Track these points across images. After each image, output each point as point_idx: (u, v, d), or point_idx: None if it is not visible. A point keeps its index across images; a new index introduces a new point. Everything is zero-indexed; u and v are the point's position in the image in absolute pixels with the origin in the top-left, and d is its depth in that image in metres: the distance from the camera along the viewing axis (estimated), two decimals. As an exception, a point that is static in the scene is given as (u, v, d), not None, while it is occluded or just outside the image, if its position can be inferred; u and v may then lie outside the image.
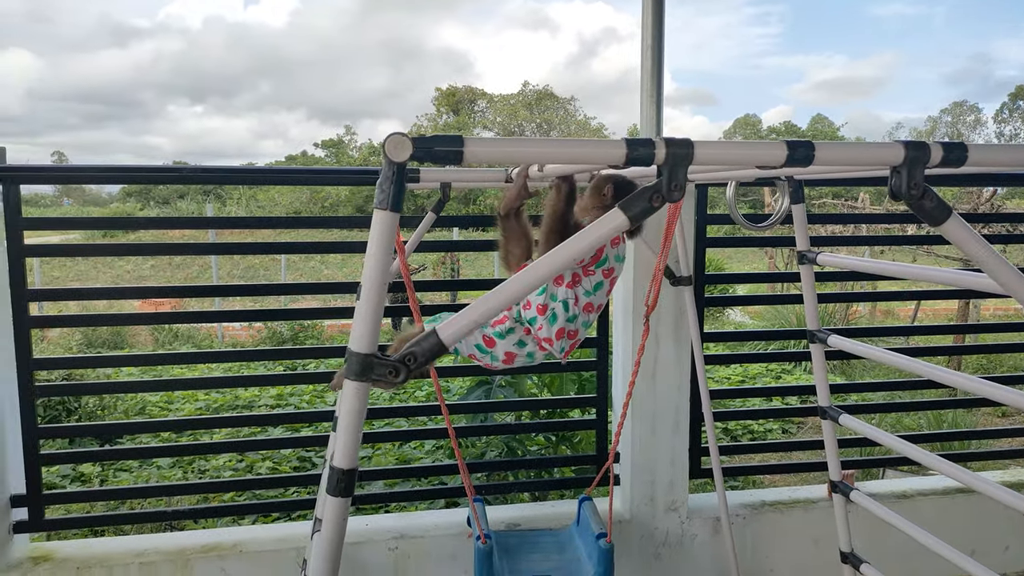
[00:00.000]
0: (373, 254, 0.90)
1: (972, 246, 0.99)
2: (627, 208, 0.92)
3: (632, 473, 2.80)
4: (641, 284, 2.66)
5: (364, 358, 0.90)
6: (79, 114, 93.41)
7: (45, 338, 9.42)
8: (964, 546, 3.03)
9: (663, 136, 0.91)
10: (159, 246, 2.88)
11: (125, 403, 6.25)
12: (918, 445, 4.75)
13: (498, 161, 0.89)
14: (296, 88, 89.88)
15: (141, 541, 2.57)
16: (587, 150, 0.91)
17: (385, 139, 0.85)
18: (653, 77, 2.69)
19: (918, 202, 0.95)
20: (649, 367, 2.74)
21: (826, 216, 6.56)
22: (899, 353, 1.61)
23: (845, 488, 1.95)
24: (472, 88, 42.20)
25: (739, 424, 6.28)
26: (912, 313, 9.52)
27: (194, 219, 10.12)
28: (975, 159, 0.96)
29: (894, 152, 0.94)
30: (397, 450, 5.28)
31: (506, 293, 0.93)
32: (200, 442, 4.37)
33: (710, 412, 2.63)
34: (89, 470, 5.03)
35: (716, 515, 2.78)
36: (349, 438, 0.92)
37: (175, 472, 4.95)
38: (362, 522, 2.71)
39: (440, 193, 2.34)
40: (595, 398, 2.86)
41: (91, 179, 2.67)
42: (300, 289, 5.07)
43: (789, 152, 0.92)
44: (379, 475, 3.12)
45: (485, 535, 2.38)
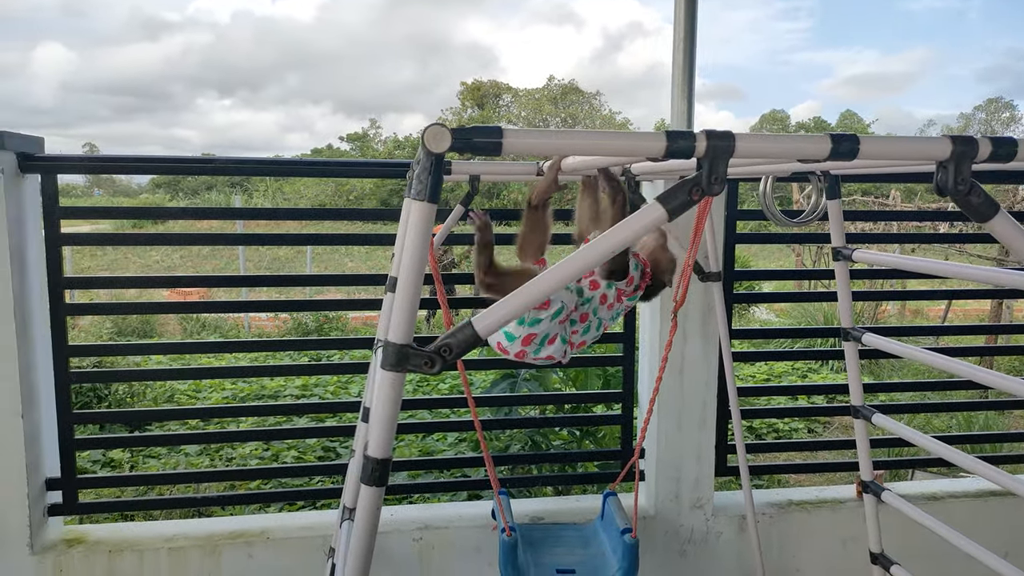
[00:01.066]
0: (410, 245, 0.90)
1: (1020, 243, 0.96)
2: (666, 201, 0.91)
3: (657, 469, 2.78)
4: (669, 279, 2.64)
5: (400, 348, 0.91)
6: (110, 106, 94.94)
7: (76, 326, 9.61)
8: (997, 549, 2.97)
9: (704, 129, 0.89)
10: (187, 236, 2.92)
11: (154, 391, 6.36)
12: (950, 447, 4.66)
13: (537, 152, 0.89)
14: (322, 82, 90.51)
15: (170, 527, 2.61)
16: (627, 143, 0.90)
17: (424, 130, 0.85)
18: (685, 72, 2.67)
19: (965, 198, 0.93)
20: (676, 363, 2.72)
21: (859, 213, 6.44)
22: (936, 353, 1.58)
23: (877, 488, 1.92)
24: (497, 82, 42.21)
25: (764, 423, 6.23)
26: (943, 313, 9.36)
27: (222, 210, 10.23)
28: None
29: (941, 147, 0.92)
30: (420, 442, 5.31)
31: (542, 286, 0.92)
32: (227, 430, 4.43)
33: (737, 409, 2.60)
34: (119, 456, 5.13)
35: (742, 513, 2.76)
36: (384, 428, 0.92)
37: (202, 460, 5.03)
38: (387, 512, 2.72)
39: (468, 186, 2.34)
40: (620, 393, 2.85)
41: (125, 169, 2.69)
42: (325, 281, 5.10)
43: (833, 146, 0.91)
44: (403, 466, 3.14)
45: (510, 528, 2.39)
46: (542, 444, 3.34)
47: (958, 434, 4.98)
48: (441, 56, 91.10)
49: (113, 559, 2.43)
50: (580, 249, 0.93)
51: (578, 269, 0.93)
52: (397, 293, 0.92)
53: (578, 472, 3.15)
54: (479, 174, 2.26)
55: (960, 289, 3.85)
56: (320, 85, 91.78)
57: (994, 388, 1.35)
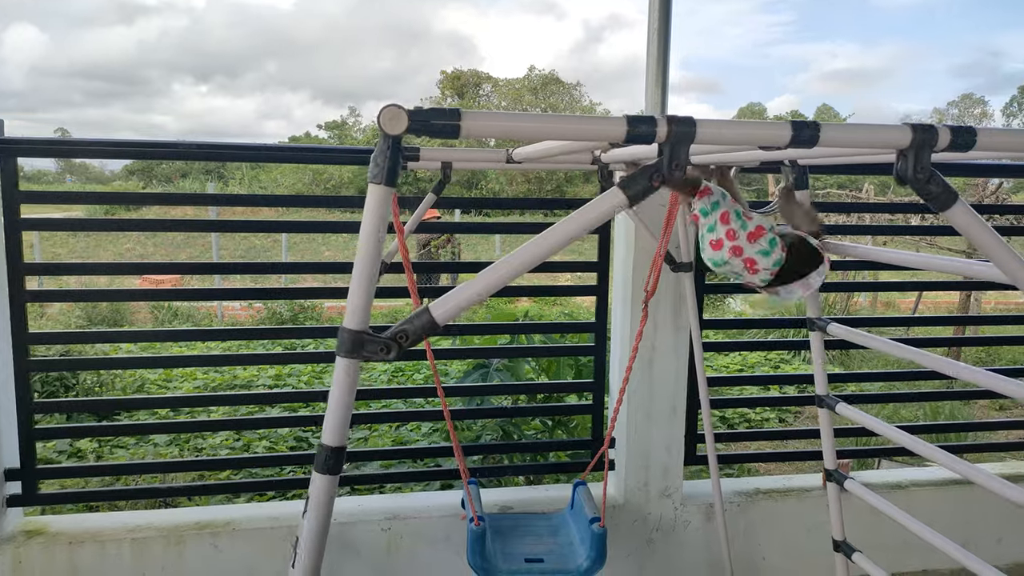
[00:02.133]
0: (367, 230, 0.89)
1: (978, 233, 0.97)
2: (626, 187, 0.90)
3: (627, 458, 2.79)
4: (641, 269, 2.64)
5: (356, 335, 0.89)
6: (83, 91, 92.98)
7: (45, 314, 9.43)
8: (957, 537, 3.01)
9: (665, 114, 0.88)
10: (155, 222, 2.86)
11: (123, 380, 6.25)
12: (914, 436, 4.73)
13: (496, 135, 0.87)
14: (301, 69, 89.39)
15: (134, 517, 2.57)
16: (587, 127, 0.89)
17: (380, 111, 0.83)
18: (659, 62, 2.66)
19: (924, 186, 0.93)
20: (647, 353, 2.72)
21: (828, 204, 6.54)
22: (900, 343, 1.59)
23: (840, 477, 1.94)
24: (477, 72, 41.97)
25: (736, 412, 6.29)
26: (913, 305, 9.50)
27: (188, 195, 10.07)
28: (984, 143, 0.94)
29: (901, 135, 0.92)
30: (394, 432, 5.29)
31: (502, 271, 0.91)
32: (195, 420, 4.38)
33: (707, 399, 2.62)
34: (86, 446, 5.04)
35: (710, 502, 2.78)
36: (339, 415, 0.90)
37: (171, 450, 4.96)
38: (355, 502, 2.71)
39: (441, 174, 2.32)
40: (592, 383, 2.85)
41: (87, 152, 2.62)
42: (300, 268, 5.05)
43: (794, 132, 0.90)
44: (375, 456, 3.13)
45: (479, 517, 2.38)
46: (514, 434, 3.34)
47: (922, 423, 5.07)
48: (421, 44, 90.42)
49: (74, 551, 2.39)
50: (542, 233, 0.92)
51: (540, 254, 0.92)
52: (352, 278, 0.90)
53: (550, 462, 3.15)
54: (451, 161, 2.24)
55: (930, 281, 3.91)
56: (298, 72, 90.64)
57: (957, 378, 1.36)
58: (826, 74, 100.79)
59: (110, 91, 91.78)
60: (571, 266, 2.89)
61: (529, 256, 0.91)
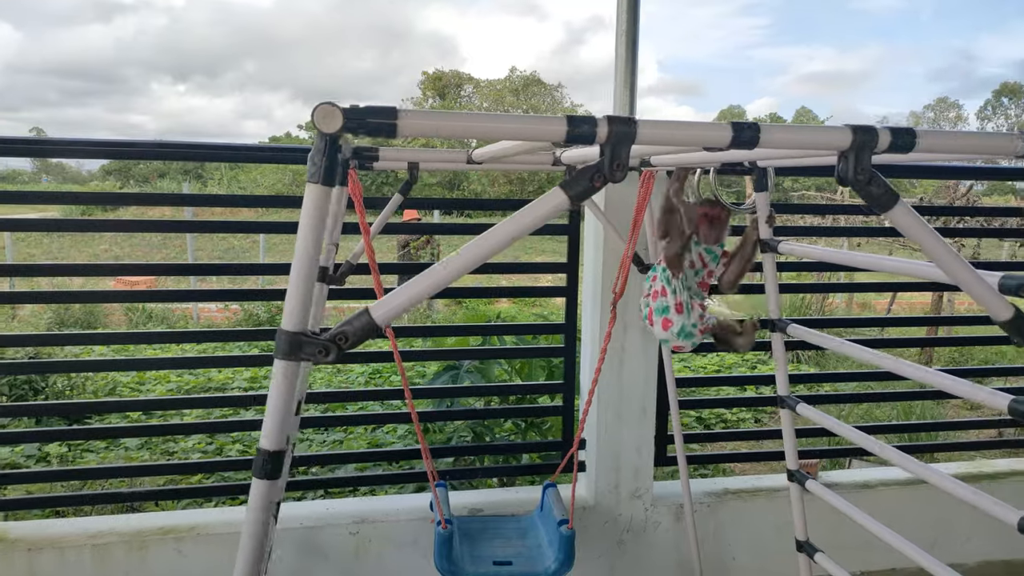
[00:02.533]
0: (304, 230, 0.87)
1: (920, 234, 0.97)
2: (568, 187, 0.90)
3: (597, 460, 2.79)
4: (610, 271, 2.64)
5: (293, 336, 0.88)
6: (59, 90, 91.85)
7: (16, 316, 9.28)
8: (926, 536, 3.08)
9: (605, 114, 0.88)
10: (126, 222, 2.81)
11: (95, 383, 6.17)
12: (887, 436, 4.76)
13: (436, 134, 0.86)
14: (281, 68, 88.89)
15: (97, 522, 2.53)
16: (527, 126, 0.88)
17: (314, 108, 0.81)
18: (627, 63, 2.66)
19: (865, 188, 0.93)
20: (616, 354, 2.72)
21: (800, 206, 6.60)
22: (860, 344, 1.60)
23: (802, 477, 1.95)
24: (459, 73, 41.92)
25: (713, 413, 6.31)
26: (887, 305, 9.61)
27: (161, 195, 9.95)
28: (925, 145, 0.94)
29: (841, 136, 0.92)
30: (370, 434, 5.25)
31: (441, 274, 0.90)
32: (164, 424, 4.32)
33: (676, 400, 2.62)
34: (55, 450, 4.96)
35: (680, 502, 2.78)
36: (277, 419, 0.89)
37: (142, 453, 4.90)
38: (323, 505, 2.68)
39: (408, 174, 2.30)
40: (562, 384, 2.85)
41: (57, 152, 2.58)
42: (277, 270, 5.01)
43: (734, 134, 0.90)
44: (347, 459, 3.09)
45: (446, 520, 2.37)
46: (486, 436, 3.33)
47: (892, 423, 5.12)
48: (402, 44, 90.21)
49: (33, 557, 2.34)
50: (484, 234, 0.91)
51: (482, 254, 0.91)
52: (290, 279, 0.88)
53: (523, 463, 3.14)
54: (418, 161, 2.22)
55: (897, 282, 3.95)
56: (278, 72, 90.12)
57: (910, 379, 1.38)
58: (803, 77, 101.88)
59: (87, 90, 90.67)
60: (540, 267, 2.88)
61: (471, 256, 0.91)
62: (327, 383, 6.91)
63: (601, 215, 2.54)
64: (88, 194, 2.68)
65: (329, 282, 2.32)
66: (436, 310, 10.02)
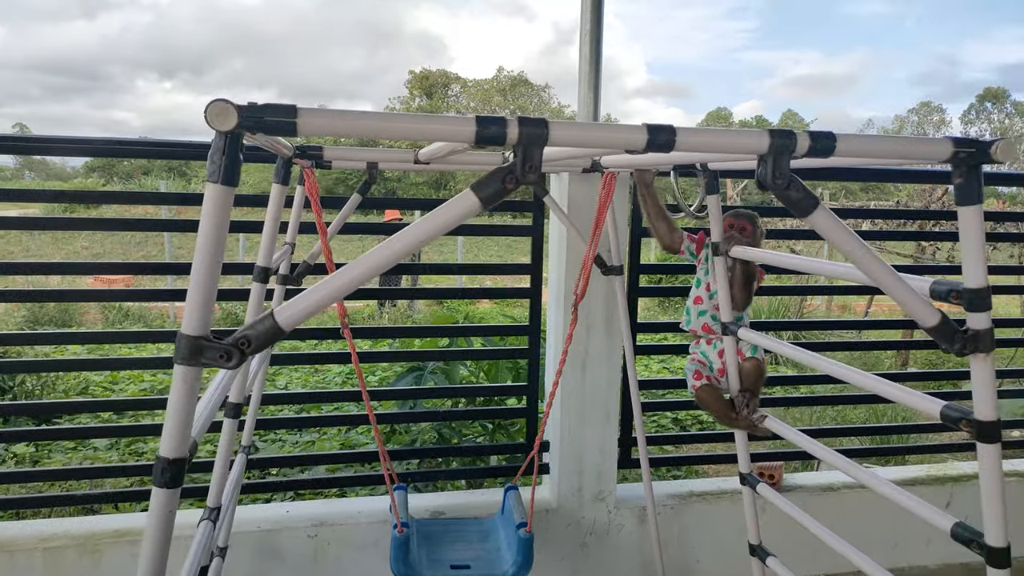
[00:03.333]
0: (205, 231, 0.85)
1: (841, 239, 0.96)
2: (479, 189, 0.88)
3: (560, 462, 2.78)
4: (572, 272, 2.63)
5: (194, 341, 0.85)
6: (42, 86, 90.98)
7: (-10, 314, 9.16)
8: (888, 538, 3.09)
9: (518, 115, 0.86)
10: (96, 221, 2.77)
11: (66, 382, 6.09)
12: (861, 438, 4.73)
13: (336, 134, 0.84)
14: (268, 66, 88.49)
15: (50, 525, 2.49)
16: (435, 126, 0.86)
17: (207, 106, 0.79)
18: (591, 65, 2.65)
19: (784, 192, 0.92)
20: (580, 356, 2.71)
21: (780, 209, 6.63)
22: (805, 348, 1.59)
23: (753, 480, 1.94)
24: (446, 72, 41.86)
25: (689, 414, 6.31)
26: (866, 308, 9.67)
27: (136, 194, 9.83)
28: (843, 149, 0.93)
29: (759, 140, 0.91)
30: (344, 435, 5.21)
31: (349, 276, 0.88)
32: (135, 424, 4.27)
33: (639, 402, 2.61)
34: (23, 451, 4.89)
35: (644, 505, 2.77)
36: (176, 425, 0.86)
37: (110, 454, 4.84)
38: (282, 509, 2.65)
39: (366, 174, 2.28)
40: (526, 386, 2.83)
41: (37, 150, 2.54)
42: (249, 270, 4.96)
43: (650, 136, 0.89)
44: (315, 460, 3.06)
45: (403, 524, 2.35)
46: (452, 438, 3.30)
47: (863, 426, 5.13)
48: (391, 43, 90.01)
49: (-20, 561, 2.30)
50: (395, 235, 0.89)
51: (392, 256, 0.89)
52: (190, 282, 0.86)
53: (486, 466, 3.12)
54: (366, 160, 2.19)
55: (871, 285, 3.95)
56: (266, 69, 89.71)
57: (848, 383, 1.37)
58: (790, 80, 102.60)
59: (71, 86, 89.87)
60: (501, 268, 2.87)
61: (381, 258, 0.88)
62: (304, 382, 6.87)
63: (564, 216, 2.52)
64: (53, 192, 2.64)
65: (286, 282, 2.30)
66: (417, 310, 9.98)
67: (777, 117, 55.82)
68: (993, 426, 1.08)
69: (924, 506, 1.25)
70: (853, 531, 3.00)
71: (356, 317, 10.28)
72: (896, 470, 3.42)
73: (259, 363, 2.05)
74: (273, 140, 1.56)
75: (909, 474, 3.28)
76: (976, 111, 57.76)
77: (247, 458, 2.28)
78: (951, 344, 1.07)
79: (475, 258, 18.16)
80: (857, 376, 1.31)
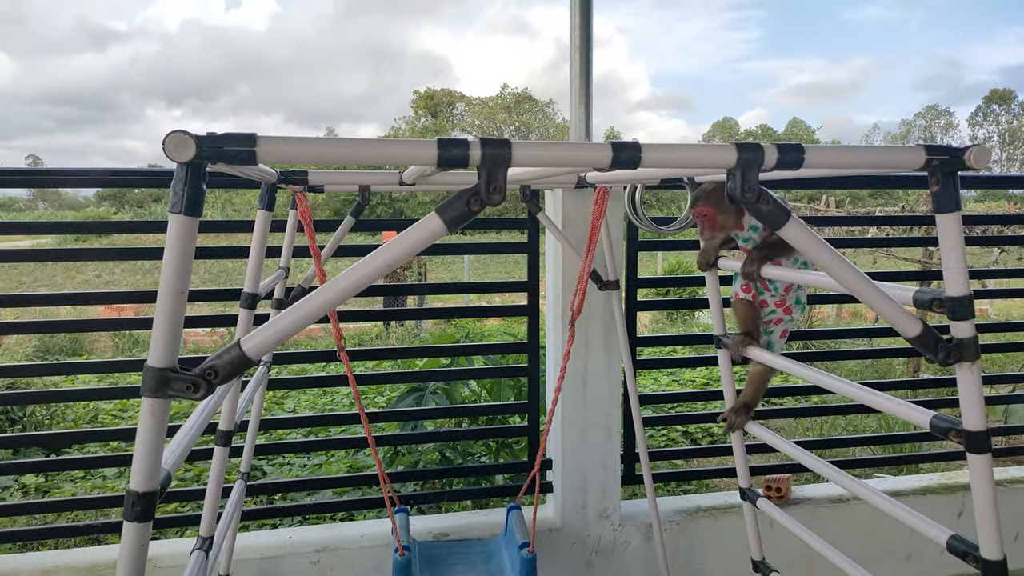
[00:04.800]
0: (168, 262, 0.85)
1: (813, 248, 0.95)
2: (443, 212, 0.87)
3: (563, 480, 2.75)
4: (569, 289, 2.62)
5: (160, 373, 0.85)
6: (54, 118, 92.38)
7: (2, 344, 9.23)
8: (901, 550, 3.03)
9: (480, 136, 0.86)
10: (103, 251, 2.78)
11: (75, 411, 6.12)
12: (871, 448, 4.65)
13: (297, 160, 0.84)
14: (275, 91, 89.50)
15: (52, 557, 2.49)
16: (397, 151, 0.86)
17: (165, 138, 0.79)
18: (582, 79, 2.66)
19: (754, 205, 0.91)
20: (579, 373, 2.69)
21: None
22: (808, 358, 1.57)
23: (753, 495, 1.91)
24: (451, 91, 42.18)
25: (699, 427, 6.25)
26: (876, 315, 9.59)
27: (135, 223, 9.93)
28: (813, 160, 0.92)
29: (726, 154, 0.90)
30: (351, 457, 5.20)
31: (315, 303, 0.87)
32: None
33: (640, 418, 2.59)
34: (33, 481, 4.91)
35: (649, 521, 2.74)
36: (146, 459, 0.86)
37: (119, 483, 4.84)
38: (285, 535, 2.64)
39: (359, 196, 2.28)
40: (527, 404, 2.81)
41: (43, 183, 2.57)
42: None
43: (615, 154, 0.88)
44: (329, 484, 3.05)
45: (404, 547, 2.33)
46: (454, 459, 3.28)
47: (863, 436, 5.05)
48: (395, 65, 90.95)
49: (-19, 595, 2.30)
50: (362, 260, 0.89)
51: (358, 282, 0.89)
52: (156, 313, 0.86)
53: (486, 486, 3.10)
54: (369, 184, 2.19)
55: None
56: (272, 95, 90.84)
57: (835, 392, 1.35)
58: (792, 88, 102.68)
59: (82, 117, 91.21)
60: (499, 286, 2.86)
61: (346, 285, 0.88)
62: (312, 405, 6.87)
63: (558, 232, 2.52)
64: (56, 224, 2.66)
65: (281, 307, 2.30)
66: (425, 329, 9.99)
67: (783, 125, 55.78)
68: (982, 436, 1.05)
69: (918, 518, 1.23)
70: (865, 543, 2.98)
71: (364, 337, 10.29)
72: (908, 479, 3.36)
73: (253, 388, 2.05)
74: (254, 167, 1.56)
75: (921, 483, 3.22)
76: (983, 113, 57.51)
77: (246, 484, 2.26)
78: (934, 354, 1.05)
79: (482, 276, 18.19)
80: (843, 386, 1.29)
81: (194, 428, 1.10)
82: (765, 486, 2.92)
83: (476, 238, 3.39)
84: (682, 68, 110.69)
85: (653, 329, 10.43)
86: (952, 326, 1.05)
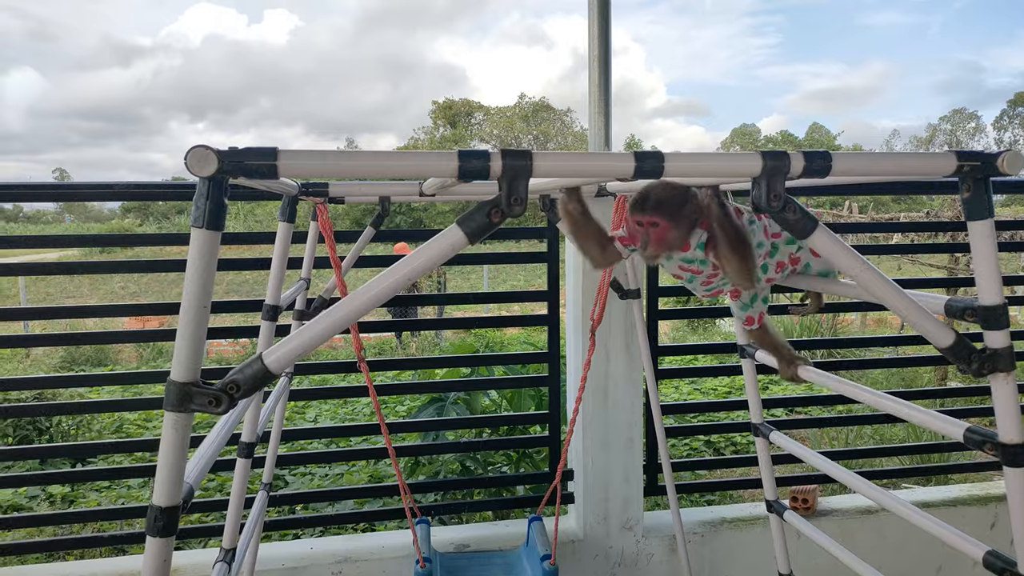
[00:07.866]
0: (191, 276, 0.85)
1: (842, 257, 0.93)
2: (464, 224, 0.87)
3: (585, 491, 2.73)
4: (589, 298, 2.60)
5: (183, 387, 0.85)
6: (81, 131, 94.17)
7: (30, 355, 9.38)
8: (932, 561, 2.96)
9: (500, 148, 0.85)
10: (128, 263, 2.82)
11: (100, 422, 6.19)
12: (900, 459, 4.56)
13: (319, 174, 0.84)
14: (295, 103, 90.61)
15: (79, 567, 2.51)
16: (416, 163, 0.86)
17: (187, 153, 0.79)
18: (601, 89, 2.65)
19: (780, 214, 0.90)
20: (600, 382, 2.67)
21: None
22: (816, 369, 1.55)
23: (779, 507, 1.88)
24: (469, 101, 42.36)
25: (723, 437, 6.18)
26: (901, 322, 9.44)
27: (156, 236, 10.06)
28: (840, 168, 0.90)
29: (751, 163, 0.88)
30: (372, 467, 5.21)
31: (337, 316, 0.87)
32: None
33: (662, 428, 2.56)
34: (59, 491, 4.97)
35: (673, 533, 2.70)
36: (169, 473, 0.86)
37: (143, 492, 4.89)
38: (306, 546, 2.64)
39: (379, 207, 2.29)
40: (547, 414, 2.79)
41: (70, 197, 2.61)
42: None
43: (637, 163, 0.87)
44: (349, 494, 3.05)
45: (425, 559, 2.32)
46: (476, 469, 3.27)
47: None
48: (413, 77, 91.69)
49: (8, 605, 2.32)
50: (378, 276, 0.88)
51: (379, 295, 0.88)
52: (179, 327, 0.86)
53: (507, 496, 3.08)
54: (389, 195, 2.20)
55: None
56: (293, 107, 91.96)
57: (863, 402, 1.32)
58: (810, 94, 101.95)
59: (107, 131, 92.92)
60: (518, 296, 2.85)
61: (371, 296, 0.88)
62: (333, 415, 6.89)
63: (578, 242, 2.50)
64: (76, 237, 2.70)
65: (302, 318, 2.30)
66: (445, 339, 9.99)
67: (803, 131, 55.31)
68: (1019, 449, 1.02)
69: (951, 531, 1.19)
70: (894, 555, 2.91)
71: (385, 347, 10.33)
72: (937, 490, 3.29)
73: (275, 399, 2.05)
74: (275, 180, 1.57)
75: (951, 494, 3.15)
76: (1008, 116, 56.66)
77: (268, 495, 2.27)
78: (968, 364, 1.02)
79: (500, 285, 18.20)
80: (873, 398, 1.27)
81: (216, 441, 1.10)
82: (791, 497, 2.87)
83: (495, 247, 3.40)
84: (699, 75, 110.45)
85: (674, 337, 10.35)
86: (986, 335, 1.03)
